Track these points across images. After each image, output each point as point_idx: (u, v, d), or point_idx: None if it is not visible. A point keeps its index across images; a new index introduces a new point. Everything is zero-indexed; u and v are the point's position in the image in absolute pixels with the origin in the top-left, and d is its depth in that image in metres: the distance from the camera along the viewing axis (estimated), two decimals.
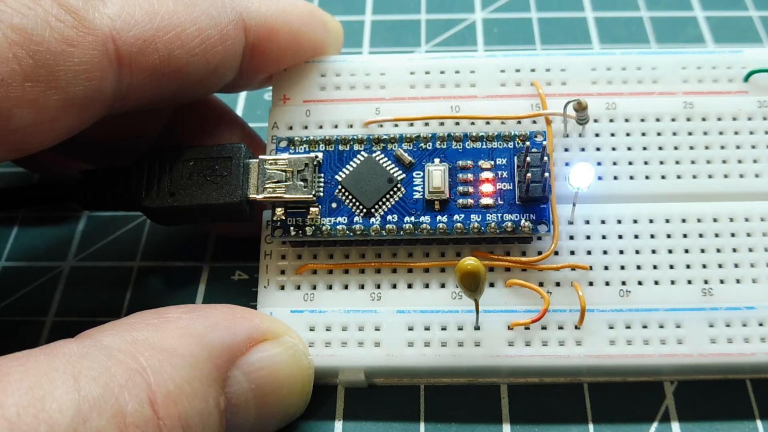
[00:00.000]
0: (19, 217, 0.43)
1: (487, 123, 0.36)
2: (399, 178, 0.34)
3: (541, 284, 0.33)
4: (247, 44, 0.33)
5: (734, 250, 0.33)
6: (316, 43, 0.36)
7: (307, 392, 0.32)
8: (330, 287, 0.34)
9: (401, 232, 0.33)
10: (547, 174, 0.32)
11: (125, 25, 0.29)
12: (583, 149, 0.35)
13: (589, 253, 0.34)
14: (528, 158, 0.32)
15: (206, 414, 0.26)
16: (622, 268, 0.33)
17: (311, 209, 0.33)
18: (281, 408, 0.30)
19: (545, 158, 0.32)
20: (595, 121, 0.36)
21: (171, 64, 0.30)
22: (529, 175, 0.32)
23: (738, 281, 0.33)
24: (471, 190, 0.33)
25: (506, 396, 0.34)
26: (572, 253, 0.34)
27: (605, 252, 0.33)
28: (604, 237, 0.34)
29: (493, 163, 0.34)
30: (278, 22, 0.33)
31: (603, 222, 0.34)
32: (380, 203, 0.33)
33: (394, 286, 0.34)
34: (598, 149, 0.35)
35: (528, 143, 0.33)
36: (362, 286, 0.34)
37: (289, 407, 0.31)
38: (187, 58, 0.30)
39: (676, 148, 0.35)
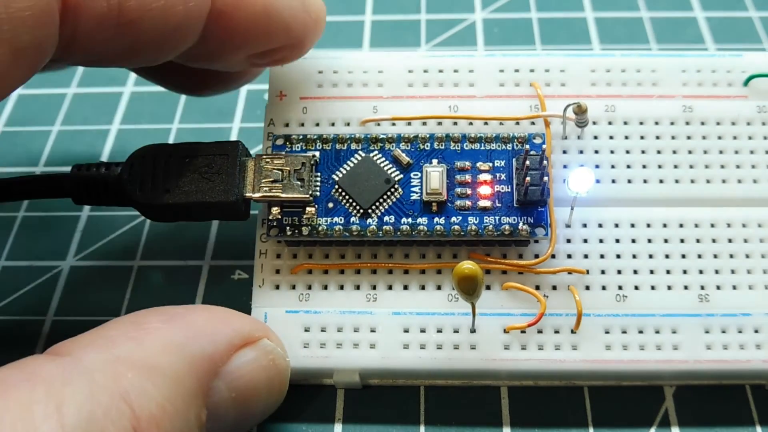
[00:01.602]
0: (19, 217, 0.43)
1: (486, 123, 0.35)
2: (396, 178, 0.33)
3: (537, 287, 0.33)
4: (213, 9, 0.30)
5: (731, 256, 0.33)
6: (291, 23, 0.32)
7: (284, 391, 0.32)
8: (325, 287, 0.34)
9: (398, 234, 0.32)
10: (546, 178, 0.31)
11: None
12: (581, 152, 0.35)
13: (586, 256, 0.33)
14: (527, 161, 0.32)
15: (188, 430, 0.26)
16: (619, 272, 0.33)
17: (308, 209, 0.33)
18: (259, 411, 0.30)
19: (544, 162, 0.32)
20: (594, 123, 0.35)
21: (123, 15, 0.27)
22: (528, 179, 0.31)
23: (734, 287, 0.33)
24: (469, 192, 0.33)
25: (506, 398, 0.34)
26: (569, 256, 0.33)
27: (602, 256, 0.33)
28: (601, 241, 0.34)
29: (491, 164, 0.33)
30: None
31: (600, 226, 0.34)
32: (377, 204, 0.33)
33: (390, 288, 0.33)
34: (596, 152, 0.35)
35: (527, 146, 0.33)
36: (358, 287, 0.33)
37: (267, 408, 0.31)
38: (141, 11, 0.28)
39: (674, 152, 0.35)
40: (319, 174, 0.34)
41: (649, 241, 0.34)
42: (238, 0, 0.30)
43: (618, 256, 0.33)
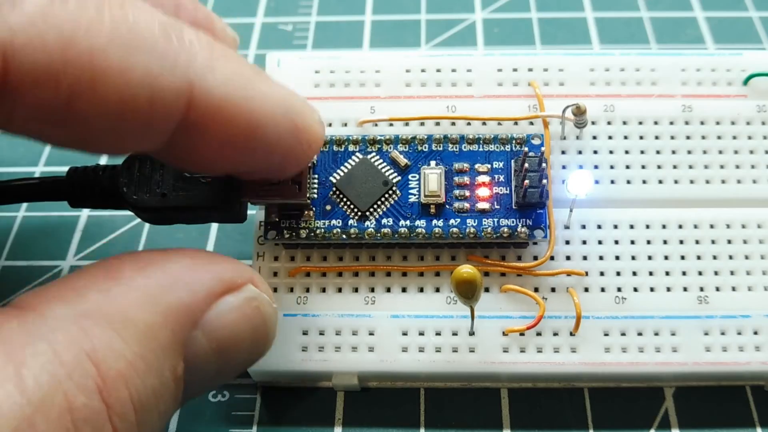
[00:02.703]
0: (19, 217, 0.42)
1: (484, 124, 0.35)
2: (394, 180, 0.33)
3: (536, 290, 0.33)
4: (186, 120, 0.25)
5: (730, 258, 0.33)
6: (276, 148, 0.28)
7: (271, 340, 0.29)
8: (323, 290, 0.33)
9: (396, 237, 0.32)
10: (545, 180, 0.31)
11: (27, 46, 0.21)
12: (580, 152, 0.35)
13: (585, 258, 0.33)
14: (526, 163, 0.31)
15: (161, 387, 0.24)
16: (618, 274, 0.33)
17: (305, 212, 0.33)
18: (243, 361, 0.29)
19: (543, 164, 0.32)
20: (593, 123, 0.35)
21: (71, 112, 0.23)
22: (527, 181, 0.31)
23: (734, 289, 0.33)
24: (467, 194, 0.33)
25: (506, 398, 0.34)
26: (568, 258, 0.33)
27: (601, 257, 0.33)
28: (600, 242, 0.33)
29: (489, 166, 0.33)
30: (237, 110, 0.26)
31: (599, 227, 0.34)
32: (375, 206, 0.33)
33: (389, 290, 0.33)
34: (595, 152, 0.35)
35: (526, 148, 0.33)
36: (356, 290, 0.33)
37: (252, 357, 0.29)
38: (94, 111, 0.23)
39: (674, 152, 0.35)
40: (316, 176, 0.33)
41: (648, 242, 0.33)
42: (218, 114, 0.25)
43: (617, 258, 0.33)
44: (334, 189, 0.33)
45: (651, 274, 0.33)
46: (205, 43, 0.25)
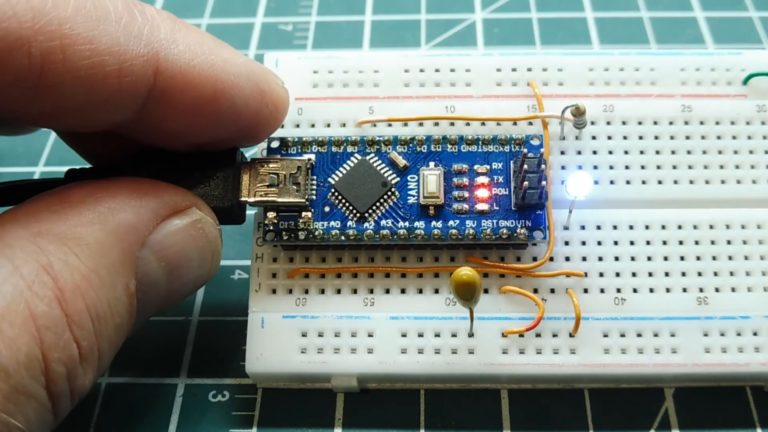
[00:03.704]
0: None
1: (483, 124, 0.35)
2: (393, 181, 0.33)
3: (535, 291, 0.33)
4: (154, 88, 0.27)
5: (730, 258, 0.33)
6: (243, 111, 0.29)
7: (216, 261, 0.31)
8: (322, 291, 0.33)
9: (395, 238, 0.32)
10: (544, 182, 0.31)
11: None
12: (579, 152, 0.35)
13: (584, 259, 0.33)
14: (525, 165, 0.31)
15: (115, 301, 0.26)
16: (618, 275, 0.33)
17: (304, 213, 0.33)
18: (191, 280, 0.30)
19: (542, 165, 0.31)
20: (592, 123, 0.35)
21: (44, 79, 0.24)
22: (526, 183, 0.31)
23: (733, 290, 0.33)
24: (466, 195, 0.33)
25: (506, 398, 0.34)
26: (567, 259, 0.33)
27: (600, 258, 0.33)
28: (599, 243, 0.33)
29: (488, 167, 0.33)
30: (202, 76, 0.28)
31: (599, 228, 0.34)
32: (374, 208, 0.33)
33: (387, 291, 0.33)
34: (594, 152, 0.35)
35: (525, 149, 0.33)
36: (355, 291, 0.33)
37: (199, 278, 0.31)
38: (67, 77, 0.24)
39: (673, 152, 0.35)
40: (315, 177, 0.33)
41: (648, 243, 0.33)
42: (186, 85, 0.27)
43: (616, 259, 0.33)
44: (332, 190, 0.33)
45: (650, 275, 0.33)
46: (166, 16, 0.28)
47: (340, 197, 0.33)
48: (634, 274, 0.33)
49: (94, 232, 0.26)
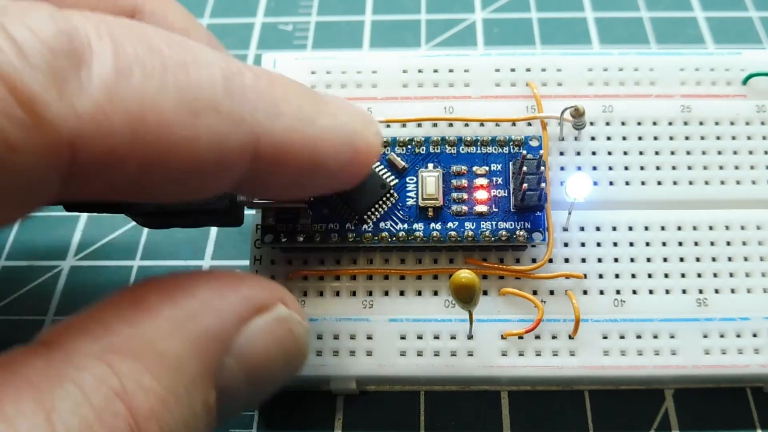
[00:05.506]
0: None
1: (482, 125, 0.35)
2: (392, 183, 0.33)
3: (534, 292, 0.33)
4: (249, 172, 0.25)
5: (730, 259, 0.33)
6: (338, 172, 0.27)
7: (304, 360, 0.28)
8: (321, 294, 0.33)
9: (394, 240, 0.32)
10: (543, 184, 0.31)
11: (96, 131, 0.20)
12: (578, 153, 0.35)
13: (583, 260, 0.33)
14: (524, 166, 0.31)
15: (193, 419, 0.24)
16: (617, 276, 0.33)
17: (302, 215, 0.32)
18: (276, 382, 0.28)
19: (541, 167, 0.31)
20: (591, 124, 0.35)
21: (140, 185, 0.23)
22: (525, 184, 0.31)
23: (733, 291, 0.33)
24: (465, 196, 0.32)
25: (506, 398, 0.34)
26: (566, 260, 0.33)
27: (600, 260, 0.33)
28: (599, 244, 0.33)
29: (487, 168, 0.33)
30: (300, 152, 0.25)
31: (598, 229, 0.34)
32: (373, 210, 0.32)
33: (386, 294, 0.33)
34: (593, 153, 0.35)
35: (524, 150, 0.33)
36: (354, 293, 0.33)
37: (284, 377, 0.28)
38: (163, 179, 0.23)
39: (672, 153, 0.35)
40: None
41: (647, 244, 0.33)
42: (284, 159, 0.25)
43: (616, 260, 0.33)
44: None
45: (650, 276, 0.33)
46: (264, 83, 0.25)
47: (338, 199, 0.33)
48: (633, 276, 0.33)
49: (172, 345, 0.23)
